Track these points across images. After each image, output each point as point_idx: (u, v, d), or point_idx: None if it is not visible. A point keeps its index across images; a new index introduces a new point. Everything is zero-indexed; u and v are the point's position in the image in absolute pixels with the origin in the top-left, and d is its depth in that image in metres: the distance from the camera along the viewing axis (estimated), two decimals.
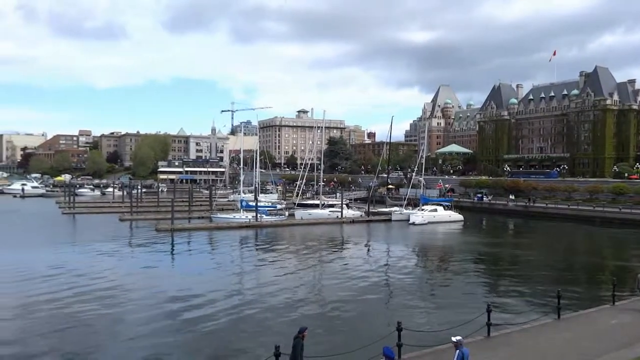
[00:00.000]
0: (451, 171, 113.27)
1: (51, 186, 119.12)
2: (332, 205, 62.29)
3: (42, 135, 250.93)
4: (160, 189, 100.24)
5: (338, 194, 73.00)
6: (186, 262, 33.77)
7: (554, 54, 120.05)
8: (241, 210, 56.46)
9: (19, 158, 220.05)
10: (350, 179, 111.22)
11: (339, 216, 57.65)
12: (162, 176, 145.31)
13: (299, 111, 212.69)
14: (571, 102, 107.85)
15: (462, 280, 27.99)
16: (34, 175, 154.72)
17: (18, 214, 64.43)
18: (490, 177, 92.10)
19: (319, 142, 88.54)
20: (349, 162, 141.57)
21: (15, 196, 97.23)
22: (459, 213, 60.39)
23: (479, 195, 77.14)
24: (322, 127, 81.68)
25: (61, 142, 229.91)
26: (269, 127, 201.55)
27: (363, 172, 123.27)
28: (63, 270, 27.91)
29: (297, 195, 68.14)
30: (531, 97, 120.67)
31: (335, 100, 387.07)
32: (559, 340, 14.39)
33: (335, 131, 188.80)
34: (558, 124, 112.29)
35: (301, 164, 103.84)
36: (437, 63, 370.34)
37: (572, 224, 56.79)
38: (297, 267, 31.01)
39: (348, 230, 51.18)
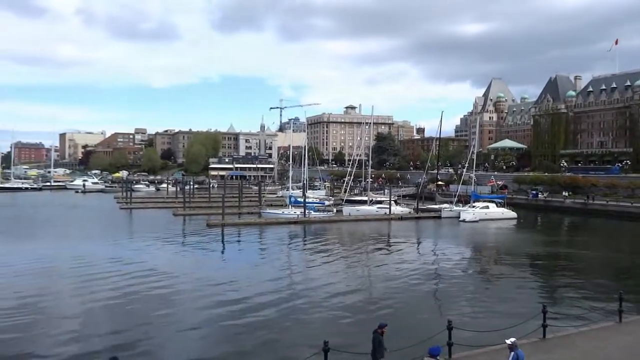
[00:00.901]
0: (504, 167, 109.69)
1: (110, 182, 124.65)
2: (380, 202, 61.81)
3: (101, 133, 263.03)
4: (211, 185, 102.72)
5: (386, 191, 72.38)
6: (236, 257, 34.49)
7: (616, 42, 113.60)
8: (289, 206, 57.03)
9: (80, 155, 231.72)
10: (398, 175, 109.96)
11: (387, 213, 57.15)
12: (213, 172, 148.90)
13: (346, 107, 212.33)
14: (635, 93, 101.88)
15: (515, 280, 27.09)
16: (93, 171, 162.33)
17: (80, 209, 67.95)
18: (546, 174, 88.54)
19: (367, 138, 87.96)
20: (397, 158, 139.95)
21: (77, 191, 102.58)
22: (512, 210, 58.48)
23: (534, 192, 74.40)
24: (370, 123, 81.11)
25: (119, 140, 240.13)
26: (317, 124, 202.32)
27: (412, 168, 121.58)
28: (120, 262, 29.14)
29: (344, 192, 68.07)
30: (590, 89, 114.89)
31: (383, 96, 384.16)
32: (621, 344, 13.68)
33: (383, 127, 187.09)
34: (620, 117, 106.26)
35: (349, 160, 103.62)
36: (489, 56, 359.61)
37: (635, 223, 53.78)
38: (345, 263, 31.01)
39: (396, 227, 50.67)
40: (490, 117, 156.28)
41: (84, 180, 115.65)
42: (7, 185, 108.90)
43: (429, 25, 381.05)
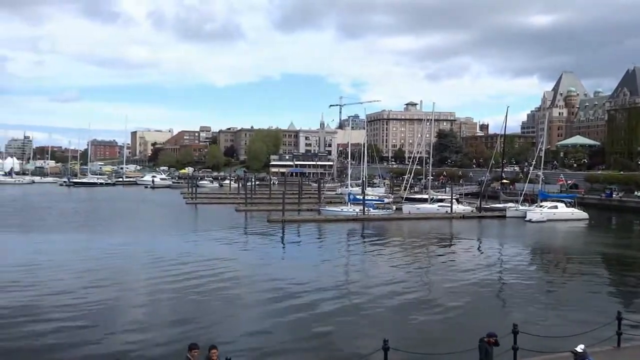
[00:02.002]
0: (574, 165, 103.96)
1: (176, 178, 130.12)
2: (441, 200, 60.51)
3: (169, 131, 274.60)
4: (272, 182, 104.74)
5: (447, 189, 70.75)
6: (296, 252, 34.99)
7: None
8: (348, 204, 57.06)
9: (149, 152, 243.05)
10: (460, 173, 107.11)
11: (449, 211, 55.84)
12: (273, 169, 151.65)
13: (407, 104, 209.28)
14: None
15: (585, 284, 25.67)
16: (162, 168, 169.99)
17: (149, 203, 71.46)
18: (622, 172, 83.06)
19: (427, 135, 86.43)
20: (459, 155, 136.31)
21: (146, 187, 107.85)
22: (583, 210, 55.41)
23: (608, 191, 70.08)
24: (431, 120, 79.55)
25: (185, 137, 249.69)
26: (376, 121, 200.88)
27: (474, 166, 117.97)
28: (186, 255, 30.30)
29: (404, 189, 67.21)
30: None
31: (445, 92, 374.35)
32: None
33: (445, 123, 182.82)
34: None
35: (409, 157, 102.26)
36: (559, 48, 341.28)
37: None
38: (404, 262, 30.65)
39: (458, 226, 49.44)
40: (559, 113, 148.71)
41: (153, 177, 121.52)
42: (84, 180, 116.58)
43: (493, 17, 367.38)
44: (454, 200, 57.86)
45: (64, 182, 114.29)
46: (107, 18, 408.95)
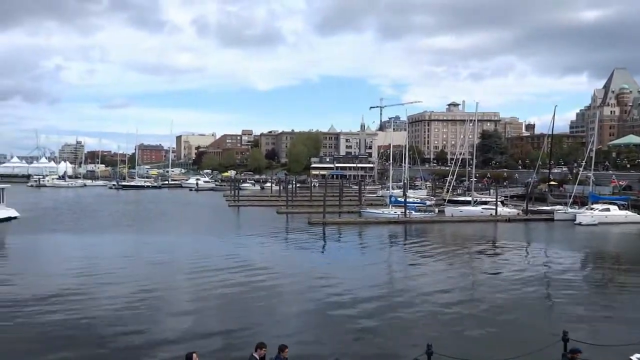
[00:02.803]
0: (628, 166, 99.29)
1: (219, 181, 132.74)
2: (485, 202, 59.12)
3: (212, 135, 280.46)
4: (312, 184, 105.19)
5: (492, 191, 69.05)
6: (337, 254, 34.97)
7: None
8: (390, 206, 56.63)
9: (193, 156, 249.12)
10: (505, 174, 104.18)
11: (493, 214, 54.49)
12: (314, 172, 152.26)
13: (449, 104, 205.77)
14: None
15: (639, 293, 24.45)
16: (205, 171, 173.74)
17: (194, 206, 73.27)
18: None
19: (470, 136, 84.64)
20: (504, 156, 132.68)
21: (190, 189, 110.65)
22: (638, 213, 52.80)
23: None
24: (474, 120, 77.88)
25: (227, 141, 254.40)
26: (418, 122, 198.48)
27: (520, 167, 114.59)
28: (229, 256, 30.82)
29: (447, 192, 66.11)
30: None
31: (489, 91, 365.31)
32: None
33: (488, 124, 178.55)
34: None
35: (451, 159, 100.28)
36: (609, 44, 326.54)
37: None
38: (447, 266, 30.10)
39: (503, 229, 48.14)
40: (611, 112, 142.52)
41: (197, 179, 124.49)
42: (132, 183, 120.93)
43: (539, 14, 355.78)
44: (498, 203, 56.43)
45: (113, 185, 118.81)
46: (154, 27, 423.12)
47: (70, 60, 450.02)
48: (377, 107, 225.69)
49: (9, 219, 48.64)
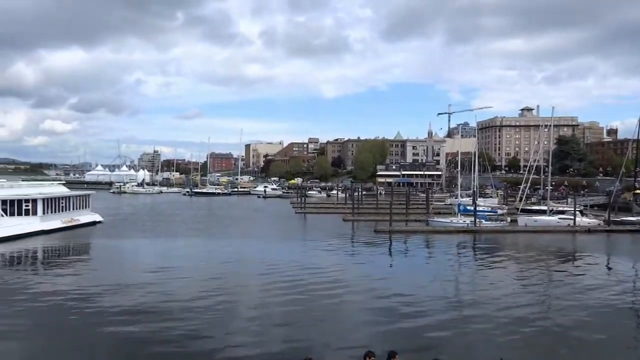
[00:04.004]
0: None
1: (286, 188, 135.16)
2: (562, 212, 56.01)
3: (279, 143, 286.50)
4: (379, 192, 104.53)
5: (569, 200, 65.32)
6: (403, 263, 34.43)
7: None
8: (458, 215, 55.11)
9: (261, 164, 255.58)
10: (584, 182, 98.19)
11: (571, 224, 51.47)
12: (380, 179, 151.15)
13: (522, 109, 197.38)
14: None
15: None
16: (273, 178, 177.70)
17: (262, 212, 75.07)
18: None
19: (546, 142, 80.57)
20: (582, 163, 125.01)
21: (259, 197, 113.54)
22: None
23: None
24: (549, 125, 74.15)
25: (294, 149, 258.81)
26: (488, 128, 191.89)
27: (601, 175, 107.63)
28: (296, 263, 31.23)
29: (520, 200, 63.35)
30: None
31: (566, 95, 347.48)
32: None
33: (565, 129, 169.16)
34: None
35: (525, 166, 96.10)
36: None
37: None
38: (520, 278, 28.75)
39: (582, 241, 45.35)
40: None
41: (265, 187, 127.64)
42: (204, 190, 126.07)
43: (620, 11, 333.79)
44: (577, 212, 53.26)
45: (187, 192, 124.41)
46: (225, 40, 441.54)
47: (149, 74, 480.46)
48: (445, 113, 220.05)
49: (94, 223, 52.32)
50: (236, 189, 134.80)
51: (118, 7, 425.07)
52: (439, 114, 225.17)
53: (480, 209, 57.15)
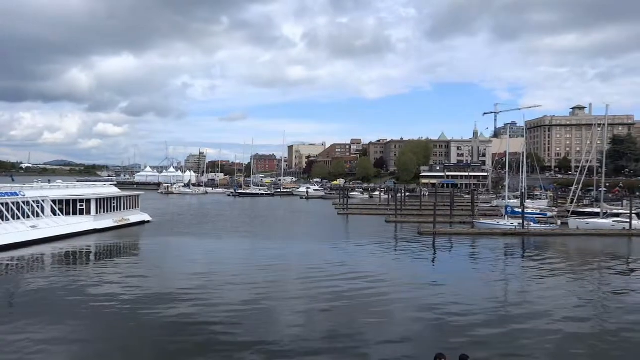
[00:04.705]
0: None
1: (329, 189, 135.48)
2: (617, 215, 53.44)
3: (322, 144, 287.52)
4: (422, 193, 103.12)
5: (625, 202, 62.26)
6: (448, 266, 33.72)
7: None
8: (505, 217, 53.60)
9: (304, 165, 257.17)
10: None
11: (627, 227, 49.03)
12: (424, 180, 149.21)
13: (573, 107, 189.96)
14: None
15: None
16: (315, 179, 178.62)
17: (305, 213, 75.56)
18: None
19: (599, 142, 77.19)
20: (639, 164, 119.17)
21: (301, 198, 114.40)
22: None
23: None
24: (603, 124, 70.98)
25: (337, 150, 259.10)
26: (537, 128, 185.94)
27: None
28: (340, 263, 31.29)
29: (571, 202, 60.88)
30: None
31: (622, 92, 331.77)
32: None
33: (620, 128, 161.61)
34: None
35: (576, 166, 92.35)
36: None
37: None
38: (571, 284, 27.55)
39: (639, 245, 43.13)
40: None
41: (307, 188, 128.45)
42: (248, 191, 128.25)
43: None
44: (633, 215, 50.67)
45: (231, 192, 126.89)
46: (268, 42, 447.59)
47: (195, 78, 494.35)
48: (492, 112, 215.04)
49: (143, 222, 54.17)
50: (279, 190, 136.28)
51: (166, 14, 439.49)
52: (485, 113, 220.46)
53: (529, 211, 55.37)
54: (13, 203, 40.12)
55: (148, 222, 55.01)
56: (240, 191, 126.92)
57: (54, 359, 15.38)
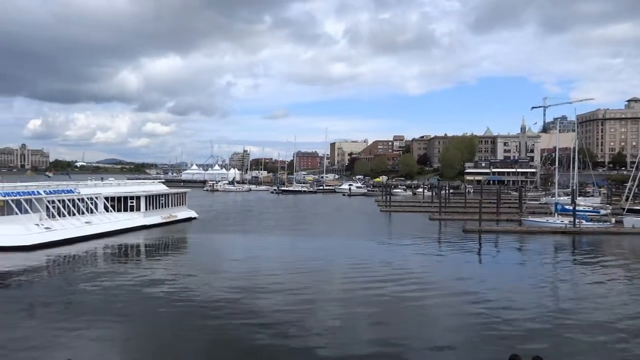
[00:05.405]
0: None
1: (371, 186, 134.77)
2: None
3: (364, 141, 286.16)
4: (467, 190, 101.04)
5: None
6: (494, 266, 32.89)
7: None
8: (555, 214, 51.74)
9: (346, 162, 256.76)
10: None
11: None
12: (468, 177, 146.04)
13: (629, 100, 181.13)
14: None
15: None
16: (357, 176, 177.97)
17: (347, 210, 75.55)
18: None
19: None
20: None
21: (344, 195, 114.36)
22: None
23: None
24: None
25: (379, 147, 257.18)
26: (589, 122, 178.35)
27: None
28: (383, 262, 31.08)
29: (626, 199, 58.09)
30: None
31: None
32: None
33: None
34: None
35: (632, 162, 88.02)
36: None
37: None
38: (627, 285, 26.35)
39: None
40: None
41: (350, 185, 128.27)
42: (290, 188, 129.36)
43: None
44: None
45: (274, 189, 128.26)
46: (310, 40, 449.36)
47: (238, 77, 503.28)
48: (540, 107, 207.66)
49: (189, 219, 55.65)
50: (321, 187, 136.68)
51: (210, 15, 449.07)
52: (533, 107, 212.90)
53: (581, 208, 53.22)
54: (69, 200, 42.15)
55: (194, 218, 56.46)
56: (283, 188, 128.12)
57: (103, 350, 16.05)
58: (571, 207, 50.84)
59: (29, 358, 14.99)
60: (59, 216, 40.03)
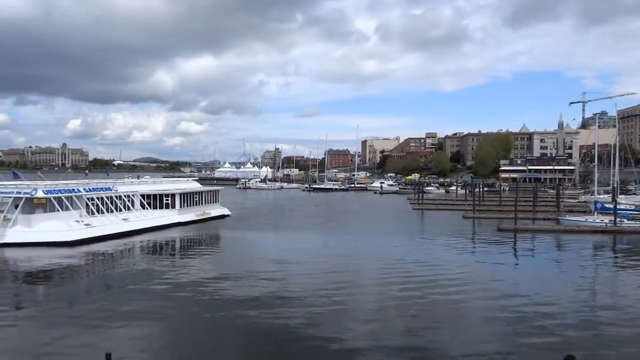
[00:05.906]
0: None
1: (403, 184, 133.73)
2: None
3: (396, 139, 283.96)
4: (502, 188, 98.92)
5: None
6: (531, 266, 32.03)
7: None
8: (595, 213, 50.11)
9: (378, 160, 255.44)
10: None
11: None
12: (503, 175, 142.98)
13: None
14: None
15: None
16: (389, 174, 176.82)
17: (379, 208, 75.20)
18: None
19: None
20: None
21: (375, 192, 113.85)
22: None
23: None
24: None
25: (411, 144, 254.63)
26: (631, 117, 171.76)
27: None
28: (416, 261, 30.75)
29: None
30: None
31: None
32: None
33: None
34: None
35: None
36: None
37: None
38: None
39: None
40: None
41: (381, 183, 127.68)
42: (322, 186, 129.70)
43: None
44: None
45: (306, 187, 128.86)
46: (341, 37, 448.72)
47: (270, 75, 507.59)
48: (579, 102, 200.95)
49: (223, 216, 56.49)
50: (353, 185, 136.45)
51: (243, 16, 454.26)
52: (572, 103, 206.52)
53: (622, 206, 51.37)
54: (107, 197, 43.42)
55: (227, 216, 57.25)
56: (314, 186, 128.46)
57: (142, 348, 16.44)
58: (612, 206, 49.17)
59: (69, 355, 15.42)
60: (98, 213, 41.28)
